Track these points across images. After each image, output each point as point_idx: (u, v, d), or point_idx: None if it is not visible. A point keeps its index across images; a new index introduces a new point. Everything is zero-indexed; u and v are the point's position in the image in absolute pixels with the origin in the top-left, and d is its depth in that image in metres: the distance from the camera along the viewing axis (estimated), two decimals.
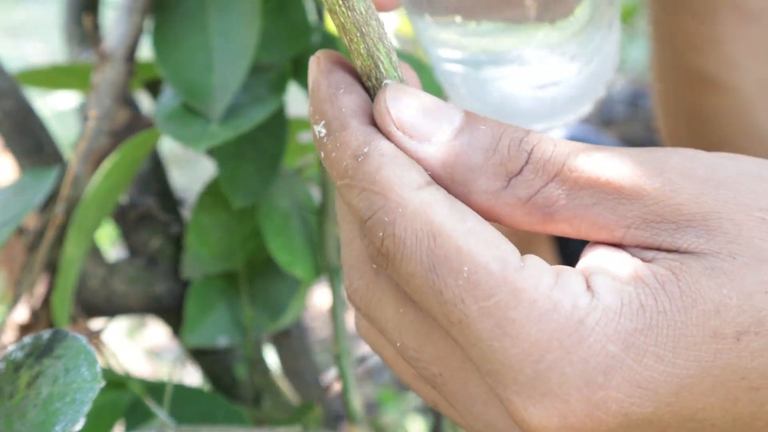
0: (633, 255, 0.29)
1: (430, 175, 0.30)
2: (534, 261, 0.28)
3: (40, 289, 0.52)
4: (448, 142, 0.30)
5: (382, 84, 0.31)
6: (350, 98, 0.31)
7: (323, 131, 0.31)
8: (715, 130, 0.66)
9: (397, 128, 0.30)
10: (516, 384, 0.28)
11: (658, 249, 0.29)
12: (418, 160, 0.30)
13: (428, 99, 0.30)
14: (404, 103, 0.30)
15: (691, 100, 0.65)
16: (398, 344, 0.31)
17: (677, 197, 0.28)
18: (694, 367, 0.27)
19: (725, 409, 0.28)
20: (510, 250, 0.28)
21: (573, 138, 1.07)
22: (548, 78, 0.42)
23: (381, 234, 0.29)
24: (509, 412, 0.28)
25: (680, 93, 0.65)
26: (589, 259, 0.30)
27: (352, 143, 0.30)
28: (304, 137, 0.70)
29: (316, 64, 0.33)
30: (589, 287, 0.28)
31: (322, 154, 0.31)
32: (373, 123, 0.31)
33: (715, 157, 0.30)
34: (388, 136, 0.30)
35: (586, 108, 0.46)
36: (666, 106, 0.69)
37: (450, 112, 0.30)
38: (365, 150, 0.29)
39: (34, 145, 0.54)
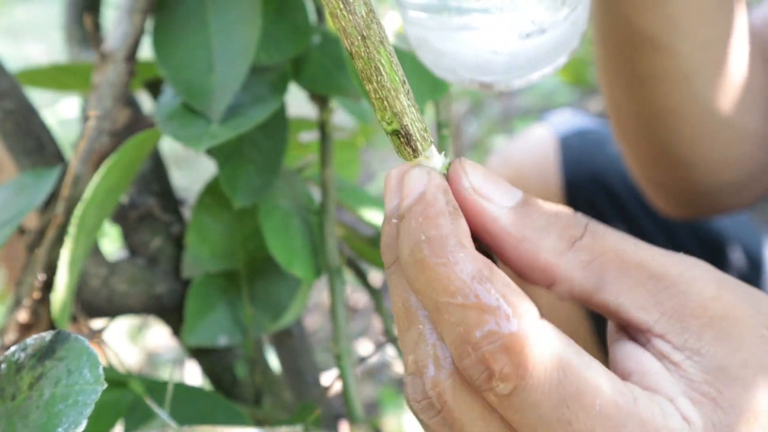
0: (665, 354, 0.33)
1: (499, 240, 0.33)
2: (638, 391, 0.31)
3: (41, 288, 0.52)
4: (516, 207, 0.33)
5: (447, 159, 0.33)
6: (463, 221, 0.32)
7: (424, 248, 0.31)
8: (655, 93, 0.66)
9: (476, 191, 0.33)
10: None
11: (685, 349, 0.32)
12: (493, 220, 0.33)
13: (493, 175, 0.33)
14: (479, 177, 0.33)
15: (632, 63, 0.66)
16: None
17: (702, 294, 0.33)
18: None
19: None
20: (620, 382, 0.31)
21: (588, 131, 1.06)
22: (536, 24, 0.42)
23: (501, 359, 0.30)
24: None
25: (622, 56, 0.66)
26: (624, 363, 0.33)
27: (470, 264, 0.31)
28: (305, 137, 0.70)
29: (426, 176, 0.33)
30: (678, 411, 0.31)
31: (413, 267, 0.31)
32: None
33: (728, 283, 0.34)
34: (464, 201, 0.33)
35: (562, 60, 0.46)
36: (607, 71, 0.69)
37: (512, 189, 0.34)
38: (491, 274, 0.31)
39: (36, 145, 0.54)
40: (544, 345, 0.30)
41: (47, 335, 0.35)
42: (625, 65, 0.66)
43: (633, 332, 0.34)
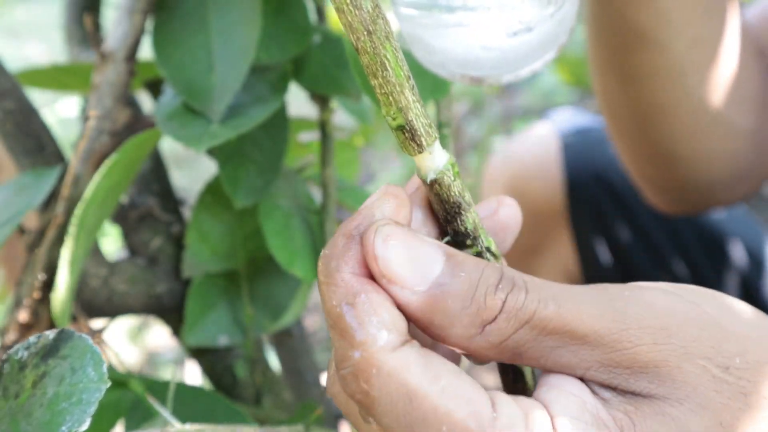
0: (591, 389, 0.32)
1: (409, 318, 0.32)
2: (506, 410, 0.31)
3: (41, 288, 0.52)
4: (428, 291, 0.32)
5: (373, 223, 0.32)
6: (354, 250, 0.32)
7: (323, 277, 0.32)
8: (646, 89, 0.67)
9: (383, 275, 0.32)
10: None
11: (616, 390, 0.32)
12: (399, 305, 0.32)
13: (414, 243, 0.32)
14: (390, 251, 0.32)
15: (625, 59, 0.66)
16: None
17: (633, 348, 0.31)
18: None
19: None
20: (483, 402, 0.31)
21: (590, 129, 1.05)
22: (523, 23, 0.43)
23: (354, 387, 0.31)
24: None
25: (615, 52, 0.66)
26: (554, 389, 0.32)
27: (342, 290, 0.31)
28: (305, 137, 0.70)
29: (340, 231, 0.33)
30: (555, 429, 0.31)
31: (323, 297, 0.32)
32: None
33: (669, 302, 0.33)
34: (375, 278, 0.32)
35: (551, 55, 0.47)
36: (600, 67, 0.69)
37: (432, 257, 0.32)
38: (356, 300, 0.31)
39: (36, 145, 0.54)
40: (393, 372, 0.30)
41: (51, 334, 0.35)
42: (618, 61, 0.67)
43: None
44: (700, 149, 0.70)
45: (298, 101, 0.63)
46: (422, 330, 0.32)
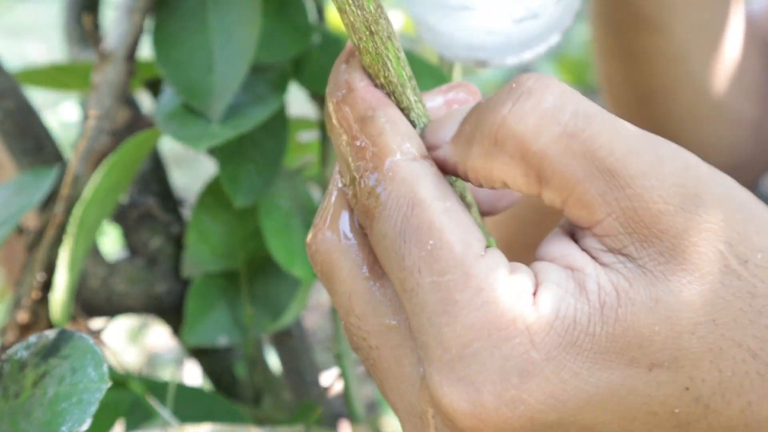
0: (593, 254, 0.30)
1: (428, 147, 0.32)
2: (495, 255, 0.29)
3: (40, 288, 0.52)
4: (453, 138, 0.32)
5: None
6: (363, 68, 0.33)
7: (338, 94, 0.33)
8: (650, 74, 0.67)
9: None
10: (440, 362, 0.29)
11: (620, 253, 0.29)
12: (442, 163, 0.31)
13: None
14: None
15: (628, 42, 0.67)
16: (343, 310, 0.32)
17: (660, 205, 0.28)
18: (604, 386, 0.29)
19: (622, 425, 0.29)
20: (478, 237, 0.30)
21: None
22: (529, 10, 0.44)
23: (368, 192, 0.31)
24: (428, 388, 0.30)
25: (618, 35, 0.66)
26: (549, 252, 0.31)
27: (361, 105, 0.32)
28: (305, 137, 0.70)
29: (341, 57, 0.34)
30: (535, 292, 0.29)
31: (332, 119, 0.33)
32: None
33: (708, 172, 0.30)
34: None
35: (555, 39, 0.47)
36: (603, 50, 0.70)
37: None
38: (372, 114, 0.31)
39: (35, 144, 0.54)
40: (407, 179, 0.30)
41: (51, 333, 0.35)
42: (621, 44, 0.67)
43: (572, 228, 0.31)
44: (699, 135, 0.70)
45: (298, 101, 0.63)
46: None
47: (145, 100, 0.64)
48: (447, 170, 0.32)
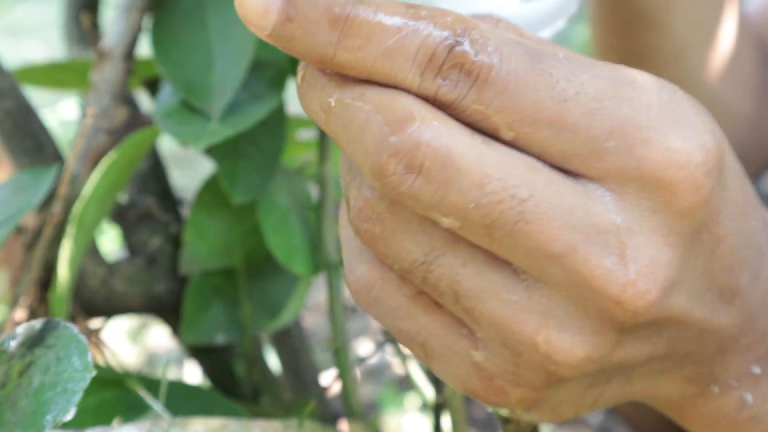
0: None
1: None
2: None
3: (39, 288, 0.52)
4: None
5: None
6: None
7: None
8: (646, 68, 0.67)
9: None
10: (648, 120, 0.32)
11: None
12: None
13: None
14: None
15: (626, 39, 0.67)
16: (472, 186, 0.30)
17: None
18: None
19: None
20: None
21: None
22: None
23: (476, 47, 0.30)
24: (646, 156, 0.31)
25: (616, 31, 0.67)
26: None
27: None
28: (303, 135, 0.70)
29: None
30: None
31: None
32: None
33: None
34: None
35: (560, 24, 0.47)
36: (602, 46, 0.70)
37: None
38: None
39: (34, 144, 0.54)
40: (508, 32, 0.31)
41: (37, 323, 0.35)
42: (620, 41, 0.68)
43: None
44: None
45: (296, 99, 0.63)
46: None
47: (144, 99, 0.64)
48: None
